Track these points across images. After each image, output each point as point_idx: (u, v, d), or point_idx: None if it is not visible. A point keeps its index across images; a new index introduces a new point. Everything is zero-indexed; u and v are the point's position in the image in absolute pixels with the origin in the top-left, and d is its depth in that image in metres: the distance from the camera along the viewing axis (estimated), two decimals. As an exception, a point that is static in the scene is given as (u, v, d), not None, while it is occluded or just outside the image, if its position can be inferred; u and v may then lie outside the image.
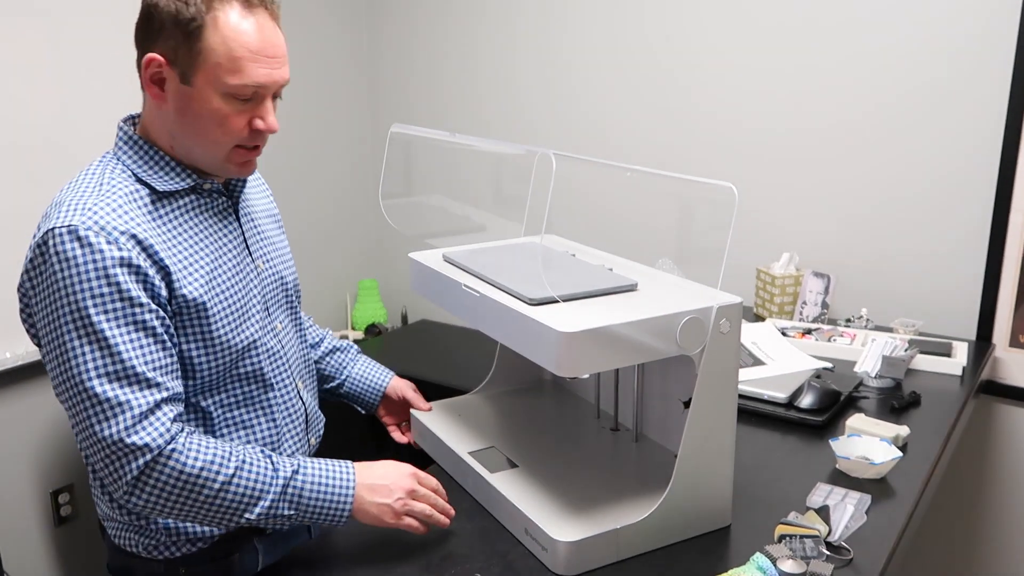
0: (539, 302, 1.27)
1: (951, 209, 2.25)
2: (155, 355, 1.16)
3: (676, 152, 2.67)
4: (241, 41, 1.18)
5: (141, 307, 1.14)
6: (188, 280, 1.21)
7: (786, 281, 2.34)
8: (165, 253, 1.19)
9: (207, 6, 1.17)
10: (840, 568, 1.25)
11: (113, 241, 1.13)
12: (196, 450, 1.15)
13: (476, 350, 2.82)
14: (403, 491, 1.28)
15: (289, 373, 1.40)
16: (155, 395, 1.14)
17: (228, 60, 1.18)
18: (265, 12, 1.23)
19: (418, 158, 3.19)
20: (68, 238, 1.13)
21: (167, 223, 1.24)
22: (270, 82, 1.23)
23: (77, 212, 1.15)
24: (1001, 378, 2.25)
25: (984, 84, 2.15)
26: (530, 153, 1.61)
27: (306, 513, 1.22)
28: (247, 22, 1.19)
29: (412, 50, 3.19)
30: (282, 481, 1.20)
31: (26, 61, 2.25)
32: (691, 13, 2.56)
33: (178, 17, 1.17)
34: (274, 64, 1.22)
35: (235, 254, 1.33)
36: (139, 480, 1.13)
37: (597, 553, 1.26)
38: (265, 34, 1.21)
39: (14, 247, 2.28)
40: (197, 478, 1.14)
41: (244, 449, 1.21)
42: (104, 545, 1.42)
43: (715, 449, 1.31)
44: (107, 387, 1.11)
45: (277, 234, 1.50)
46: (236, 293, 1.30)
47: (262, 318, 1.35)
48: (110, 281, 1.12)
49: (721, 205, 1.20)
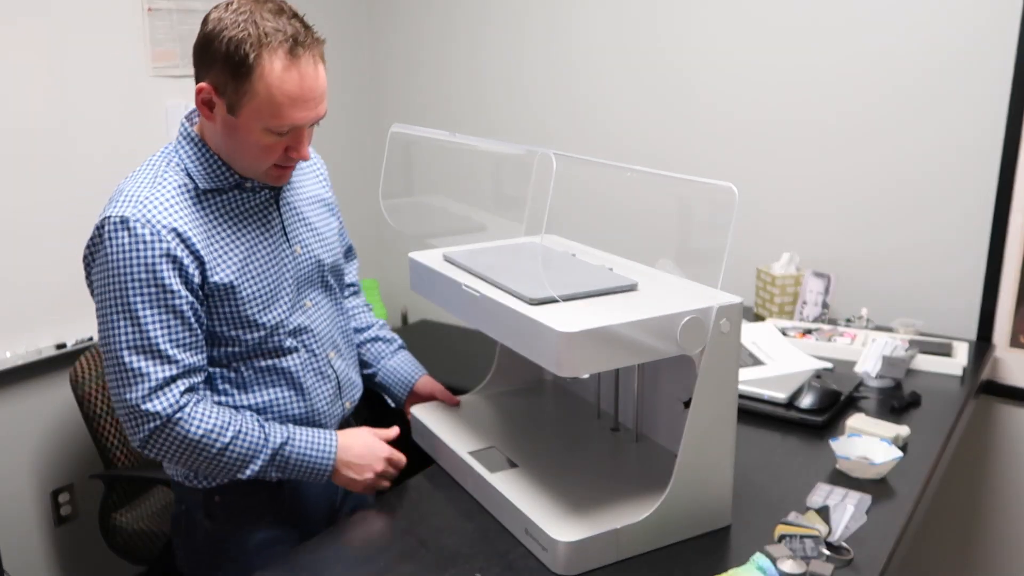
0: (539, 302, 1.27)
1: (951, 209, 2.25)
2: (179, 334, 1.34)
3: (676, 152, 2.67)
4: (284, 89, 1.29)
5: (173, 293, 1.33)
6: (221, 268, 1.38)
7: (786, 281, 2.34)
8: (203, 244, 1.36)
9: (256, 52, 1.27)
10: (840, 568, 1.25)
11: (156, 234, 1.31)
12: (200, 419, 1.35)
13: (476, 350, 2.81)
14: (373, 472, 1.49)
15: (319, 344, 1.53)
16: (171, 369, 1.33)
17: (270, 105, 1.30)
18: (310, 55, 1.32)
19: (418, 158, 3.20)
20: (120, 227, 1.31)
21: (210, 215, 1.39)
22: (306, 121, 1.35)
23: (130, 203, 1.32)
24: (1001, 378, 2.25)
25: (984, 85, 2.15)
26: (530, 153, 1.60)
27: (291, 476, 1.45)
28: (291, 71, 1.29)
29: (412, 49, 3.19)
30: (271, 450, 1.41)
31: (26, 61, 2.25)
32: (691, 14, 2.56)
33: (229, 57, 1.28)
34: (311, 105, 1.34)
35: (272, 242, 1.46)
36: (149, 439, 1.34)
37: (597, 553, 1.26)
38: (306, 81, 1.31)
39: (13, 247, 2.28)
40: (198, 443, 1.35)
41: (243, 420, 1.40)
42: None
43: (715, 449, 1.31)
44: (132, 357, 1.32)
45: (322, 218, 1.58)
46: (268, 279, 1.44)
47: (292, 298, 1.48)
48: (149, 269, 1.31)
49: (721, 205, 1.20)
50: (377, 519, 1.44)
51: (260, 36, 1.27)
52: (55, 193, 2.34)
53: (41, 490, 2.47)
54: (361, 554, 1.34)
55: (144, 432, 1.33)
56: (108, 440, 2.20)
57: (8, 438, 2.38)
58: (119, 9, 2.43)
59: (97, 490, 2.31)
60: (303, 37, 1.31)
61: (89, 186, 2.41)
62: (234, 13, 1.29)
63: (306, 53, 1.31)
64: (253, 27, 1.27)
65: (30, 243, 2.31)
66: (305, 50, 1.30)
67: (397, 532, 1.38)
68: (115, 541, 2.23)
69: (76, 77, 2.35)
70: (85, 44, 2.36)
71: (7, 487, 2.39)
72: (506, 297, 1.32)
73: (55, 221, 2.35)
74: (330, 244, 1.59)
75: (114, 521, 2.24)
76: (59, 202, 2.36)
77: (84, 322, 2.45)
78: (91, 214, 2.40)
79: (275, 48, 1.28)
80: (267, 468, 1.41)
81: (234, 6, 1.31)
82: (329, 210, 1.63)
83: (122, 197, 1.34)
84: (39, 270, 2.34)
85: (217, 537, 1.50)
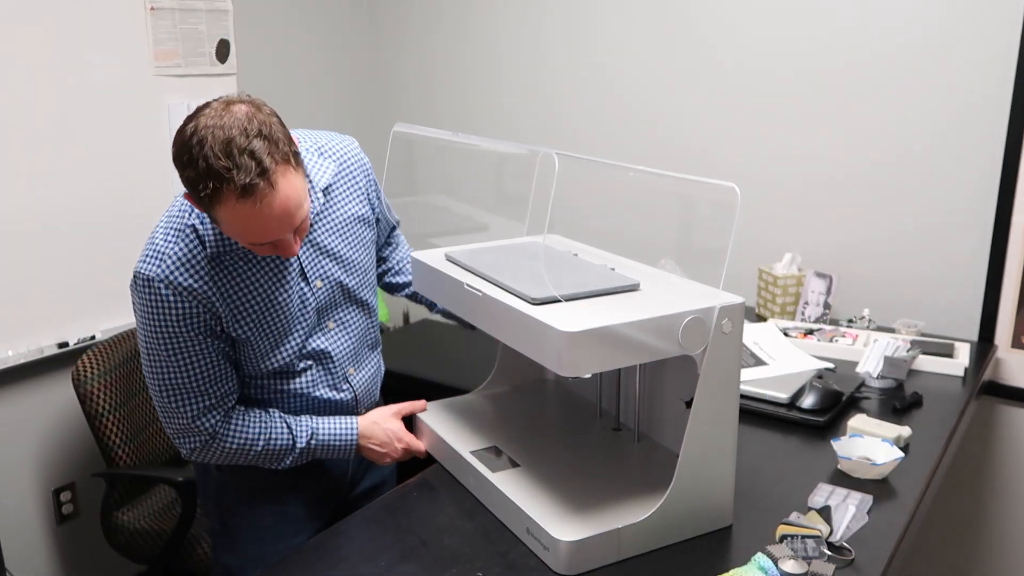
0: (541, 302, 1.27)
1: (954, 211, 2.25)
2: (208, 372, 1.46)
3: (677, 152, 2.67)
4: (241, 224, 1.30)
5: (197, 342, 1.43)
6: (238, 322, 1.45)
7: (788, 281, 2.34)
8: (220, 301, 1.43)
9: (208, 193, 1.25)
10: (841, 568, 1.25)
11: (178, 295, 1.39)
12: (234, 434, 1.50)
13: (478, 350, 2.81)
14: (390, 458, 1.63)
15: (336, 363, 1.59)
16: (206, 400, 1.47)
17: (236, 232, 1.33)
18: (266, 186, 1.26)
19: (421, 157, 3.20)
20: (144, 286, 1.40)
21: (226, 270, 1.44)
22: (279, 237, 1.34)
23: (154, 261, 1.40)
24: (1003, 379, 2.25)
25: (987, 88, 2.15)
26: (532, 153, 1.61)
27: (319, 459, 1.60)
28: (245, 209, 1.26)
29: (413, 47, 3.19)
30: (299, 450, 1.54)
31: (27, 60, 2.25)
32: (692, 14, 2.56)
33: (192, 184, 1.27)
34: (278, 229, 1.32)
35: (289, 284, 1.50)
36: (194, 452, 1.51)
37: (598, 553, 1.26)
38: (264, 218, 1.28)
39: (14, 247, 2.28)
40: (236, 452, 1.51)
41: (272, 425, 1.52)
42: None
43: (717, 449, 1.31)
44: (171, 393, 1.45)
45: (352, 240, 1.59)
46: (282, 325, 1.50)
47: (309, 329, 1.54)
48: (173, 325, 1.41)
49: (724, 205, 1.20)
50: (377, 518, 1.44)
51: (212, 176, 1.23)
52: (57, 192, 2.34)
53: (43, 489, 2.47)
54: (362, 553, 1.34)
55: (188, 449, 1.50)
56: (110, 439, 2.20)
57: (10, 437, 2.38)
58: (121, 8, 2.43)
59: (99, 489, 2.31)
60: (256, 174, 1.24)
61: (91, 185, 2.41)
62: (194, 137, 1.25)
63: (261, 191, 1.25)
64: (204, 163, 1.23)
65: (32, 242, 2.31)
66: (258, 188, 1.25)
67: (398, 531, 1.38)
68: (116, 540, 2.23)
69: (78, 76, 2.35)
70: (87, 43, 2.36)
71: (9, 485, 2.39)
72: (508, 297, 1.32)
73: (57, 220, 2.35)
74: (360, 265, 1.60)
75: (115, 520, 2.24)
76: (61, 201, 2.36)
77: (86, 321, 2.45)
78: (93, 213, 2.42)
79: (227, 192, 1.24)
80: (297, 460, 1.55)
81: (196, 123, 1.26)
82: (367, 225, 1.62)
83: (151, 250, 1.41)
84: (41, 269, 2.34)
85: (222, 486, 1.63)
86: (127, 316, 2.52)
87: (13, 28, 2.21)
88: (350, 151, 1.63)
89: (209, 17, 2.63)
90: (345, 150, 1.62)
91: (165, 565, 2.20)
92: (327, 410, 1.61)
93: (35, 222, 2.32)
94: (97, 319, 2.48)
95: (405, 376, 2.65)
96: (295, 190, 1.31)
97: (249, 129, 1.26)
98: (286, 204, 1.29)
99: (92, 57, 2.37)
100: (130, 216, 2.44)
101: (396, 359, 2.77)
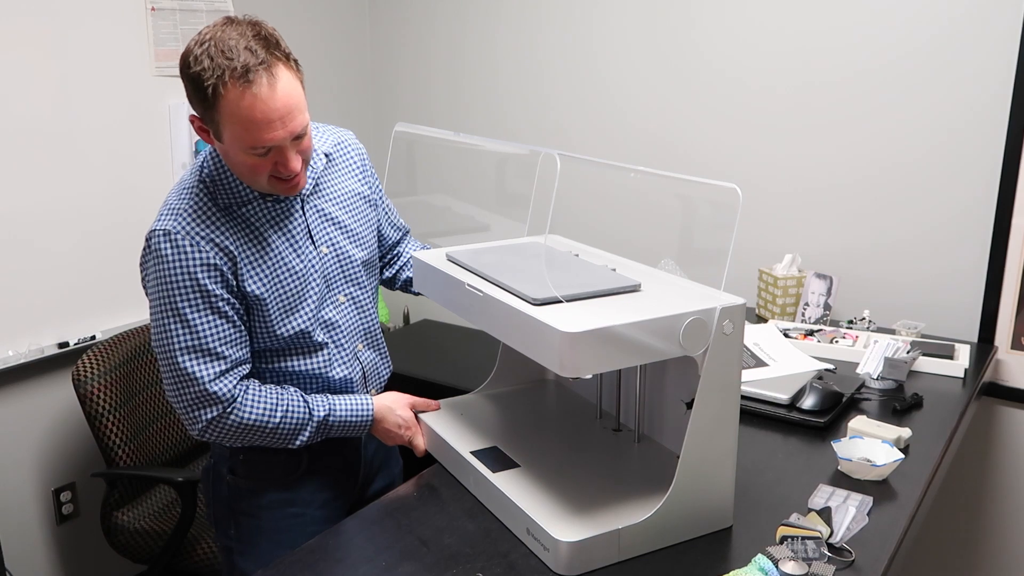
0: (542, 302, 1.27)
1: (954, 212, 2.25)
2: (226, 332, 1.46)
3: (679, 152, 2.67)
4: (243, 115, 1.34)
5: (216, 296, 1.44)
6: (252, 277, 1.47)
7: (788, 282, 2.34)
8: (239, 252, 1.46)
9: (212, 85, 1.32)
10: (842, 569, 1.25)
11: (195, 244, 1.42)
12: (251, 405, 1.48)
13: (478, 350, 2.82)
14: (399, 440, 1.64)
15: (347, 337, 1.62)
16: (223, 364, 1.46)
17: (238, 130, 1.36)
18: (265, 74, 1.33)
19: (422, 157, 3.20)
20: (164, 239, 1.42)
21: (240, 226, 1.47)
22: (280, 140, 1.38)
23: (172, 217, 1.44)
24: (1003, 380, 2.25)
25: (987, 90, 2.15)
26: (534, 153, 1.61)
27: (333, 438, 1.59)
28: (247, 95, 1.33)
29: (413, 48, 3.19)
30: (316, 423, 1.54)
31: (28, 61, 2.25)
32: (692, 14, 2.56)
33: (196, 91, 1.35)
34: (278, 125, 1.36)
35: (298, 246, 1.53)
36: (208, 427, 1.47)
37: (599, 553, 1.26)
38: (264, 104, 1.34)
39: (15, 247, 2.28)
40: (252, 426, 1.49)
41: (289, 398, 1.52)
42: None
43: (717, 450, 1.31)
44: (187, 357, 1.44)
45: (356, 214, 1.63)
46: (293, 288, 1.52)
47: (320, 298, 1.56)
48: (192, 276, 1.42)
49: (725, 206, 1.21)
50: (378, 518, 1.44)
51: (215, 68, 1.32)
52: (58, 192, 2.35)
53: (43, 488, 2.47)
54: (362, 553, 1.34)
55: (203, 422, 1.47)
56: (110, 439, 2.20)
57: (10, 437, 2.38)
58: (122, 8, 2.43)
59: (99, 489, 2.31)
60: (255, 62, 1.32)
61: (91, 185, 2.41)
62: (198, 45, 1.34)
63: (260, 77, 1.33)
64: (208, 60, 1.32)
65: (32, 242, 2.31)
66: (258, 74, 1.33)
67: (398, 531, 1.38)
68: (116, 540, 2.24)
69: (78, 77, 2.35)
70: (87, 43, 2.36)
71: (9, 485, 2.39)
72: (509, 297, 1.32)
73: (58, 220, 2.36)
74: (364, 239, 1.64)
75: (115, 520, 2.24)
76: (62, 201, 2.36)
77: (86, 321, 2.46)
78: (93, 212, 2.42)
79: (228, 79, 1.32)
80: (313, 436, 1.55)
81: (200, 36, 1.35)
82: (367, 203, 1.68)
83: (165, 210, 1.45)
84: (42, 269, 2.34)
85: (236, 491, 1.62)
86: (127, 316, 2.52)
87: (14, 28, 2.21)
88: (346, 136, 1.71)
89: (210, 17, 2.63)
90: (340, 134, 1.70)
91: (165, 565, 2.20)
92: (339, 389, 1.62)
93: (36, 222, 2.32)
94: (97, 319, 2.48)
95: (405, 376, 2.65)
96: (295, 88, 1.38)
97: (248, 33, 1.35)
98: (287, 98, 1.35)
99: (93, 57, 2.38)
100: (131, 216, 2.44)
101: (396, 359, 2.76)
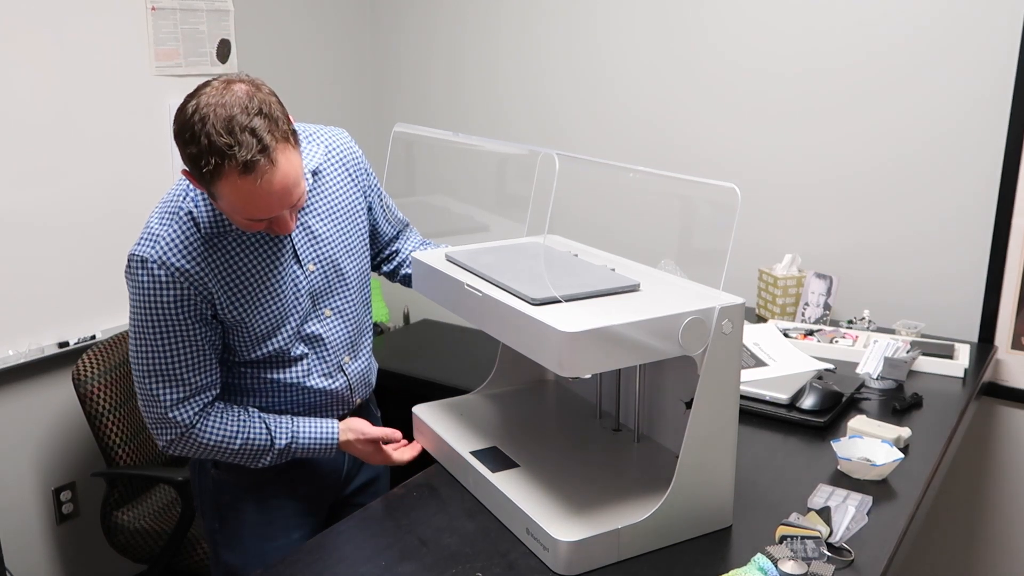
0: (541, 302, 1.27)
1: (954, 212, 2.25)
2: (192, 360, 1.46)
3: (678, 153, 2.67)
4: (242, 198, 1.32)
5: (187, 326, 1.44)
6: (231, 305, 1.46)
7: (788, 282, 2.34)
8: (218, 282, 1.44)
9: (210, 168, 1.28)
10: (841, 569, 1.25)
11: (171, 275, 1.41)
12: (211, 430, 1.49)
13: (478, 350, 2.82)
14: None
15: (330, 350, 1.60)
16: (186, 390, 1.46)
17: (237, 205, 1.34)
18: (267, 162, 1.29)
19: (421, 158, 3.20)
20: (140, 267, 1.41)
21: (221, 252, 1.45)
22: (279, 215, 1.38)
23: (150, 243, 1.41)
24: (1003, 380, 2.25)
25: (987, 89, 2.15)
26: (533, 153, 1.61)
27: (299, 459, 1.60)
28: (247, 182, 1.29)
29: (413, 47, 3.19)
30: (277, 450, 1.54)
31: (28, 60, 2.25)
32: (692, 14, 2.56)
33: (193, 165, 1.31)
34: (278, 205, 1.35)
35: (282, 266, 1.51)
36: (170, 444, 1.50)
37: (598, 553, 1.26)
38: (264, 191, 1.31)
39: (15, 246, 2.28)
40: (213, 448, 1.50)
41: (251, 426, 1.51)
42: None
43: (717, 450, 1.31)
44: (153, 380, 1.45)
45: (345, 225, 1.60)
46: (275, 308, 1.51)
47: (303, 315, 1.55)
48: (165, 307, 1.42)
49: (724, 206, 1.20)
50: (377, 518, 1.44)
51: (214, 153, 1.27)
52: (58, 191, 2.35)
53: (43, 488, 2.47)
54: (362, 553, 1.34)
55: (164, 440, 1.49)
56: (110, 438, 2.20)
57: (10, 436, 2.38)
58: (122, 8, 2.43)
59: (99, 488, 2.31)
60: (257, 149, 1.28)
61: (91, 184, 2.41)
62: (195, 114, 1.28)
63: (262, 167, 1.28)
64: (207, 140, 1.26)
65: (32, 242, 2.31)
66: (260, 165, 1.28)
67: (398, 531, 1.38)
68: (116, 539, 2.24)
69: (78, 76, 2.35)
70: (87, 43, 2.36)
71: (9, 485, 2.39)
72: (508, 297, 1.32)
73: (58, 220, 2.36)
74: (353, 249, 1.62)
75: (115, 519, 2.24)
76: (62, 200, 2.36)
77: (86, 321, 2.46)
78: (93, 212, 2.42)
79: (229, 169, 1.27)
80: (276, 460, 1.55)
81: (197, 103, 1.29)
82: (357, 208, 1.64)
83: (146, 234, 1.43)
84: (42, 269, 2.34)
85: (220, 484, 1.63)
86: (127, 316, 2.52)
87: (14, 28, 2.21)
88: (338, 139, 1.66)
89: (210, 17, 2.63)
90: (332, 137, 1.65)
91: (165, 565, 2.20)
92: (321, 400, 1.61)
93: (36, 222, 2.32)
94: (97, 319, 2.48)
95: (405, 376, 2.65)
96: (293, 167, 1.35)
97: (250, 107, 1.29)
98: (285, 180, 1.33)
99: (93, 57, 2.37)
100: (131, 216, 2.44)
101: (396, 359, 2.78)
